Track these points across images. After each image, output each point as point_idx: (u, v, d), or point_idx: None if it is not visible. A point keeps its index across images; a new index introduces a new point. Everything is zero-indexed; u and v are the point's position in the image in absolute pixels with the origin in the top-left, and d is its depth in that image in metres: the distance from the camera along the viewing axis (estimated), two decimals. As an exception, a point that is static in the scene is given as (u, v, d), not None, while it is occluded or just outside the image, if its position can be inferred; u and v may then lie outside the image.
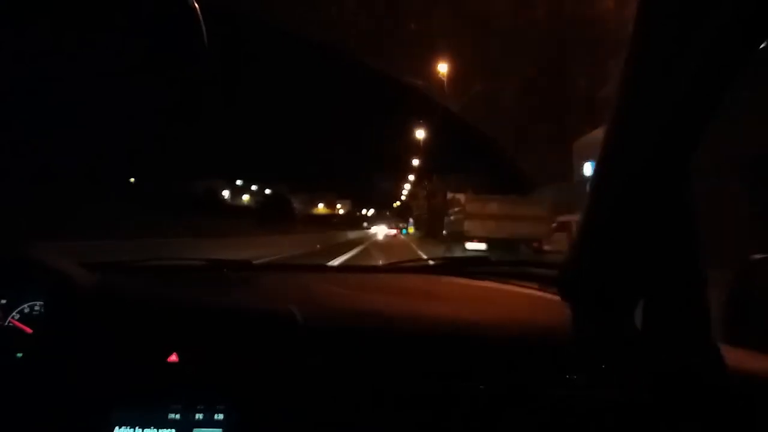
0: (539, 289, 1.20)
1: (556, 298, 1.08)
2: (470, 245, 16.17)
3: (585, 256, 0.97)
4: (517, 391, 0.94)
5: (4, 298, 1.07)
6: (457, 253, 14.72)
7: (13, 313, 1.07)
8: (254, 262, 1.52)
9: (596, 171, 0.88)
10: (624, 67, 0.82)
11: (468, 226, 16.63)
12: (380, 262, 3.07)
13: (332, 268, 1.69)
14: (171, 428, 0.94)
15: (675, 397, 0.88)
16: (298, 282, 1.30)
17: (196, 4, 0.77)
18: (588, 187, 0.90)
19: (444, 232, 22.25)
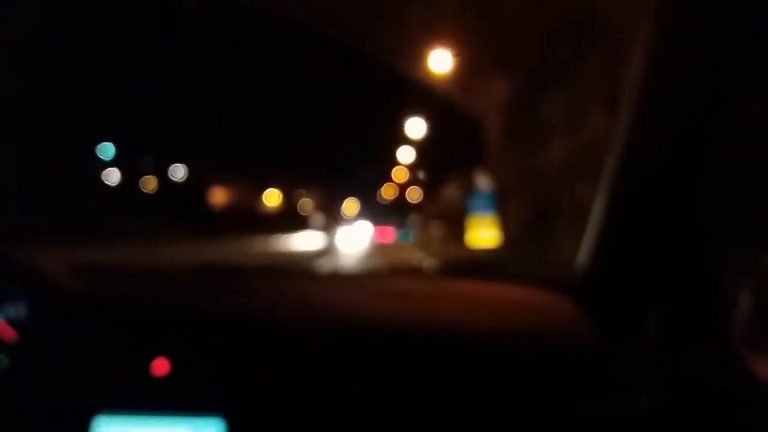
0: (552, 294, 1.18)
1: (570, 303, 1.05)
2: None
3: (602, 260, 0.94)
4: (524, 401, 0.92)
5: None
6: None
7: None
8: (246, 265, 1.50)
9: (612, 172, 0.86)
10: (639, 65, 0.81)
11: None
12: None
13: (328, 272, 1.67)
14: None
15: (692, 406, 0.86)
16: (293, 287, 1.28)
17: None
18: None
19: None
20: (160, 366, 0.96)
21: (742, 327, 0.93)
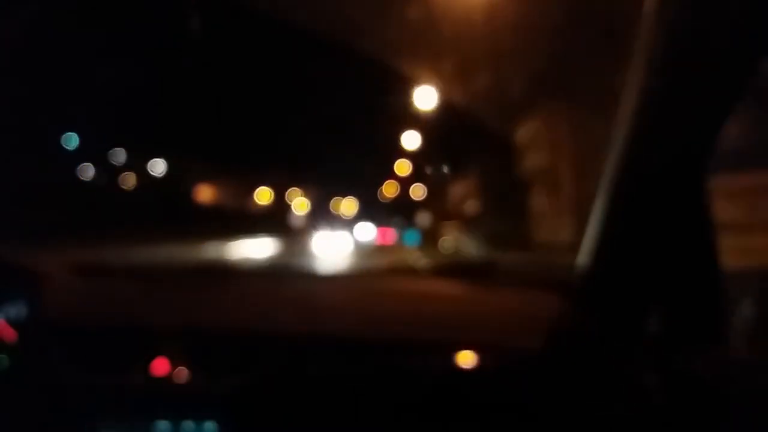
0: (550, 295, 1.18)
1: (569, 304, 1.05)
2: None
3: (602, 260, 0.94)
4: (524, 402, 0.92)
5: None
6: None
7: None
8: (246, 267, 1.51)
9: (612, 172, 0.86)
10: (639, 65, 0.81)
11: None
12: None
13: (326, 272, 1.68)
14: None
15: (692, 406, 0.86)
16: (292, 288, 1.28)
17: None
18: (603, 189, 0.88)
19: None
20: (160, 366, 0.96)
21: (742, 328, 0.93)
